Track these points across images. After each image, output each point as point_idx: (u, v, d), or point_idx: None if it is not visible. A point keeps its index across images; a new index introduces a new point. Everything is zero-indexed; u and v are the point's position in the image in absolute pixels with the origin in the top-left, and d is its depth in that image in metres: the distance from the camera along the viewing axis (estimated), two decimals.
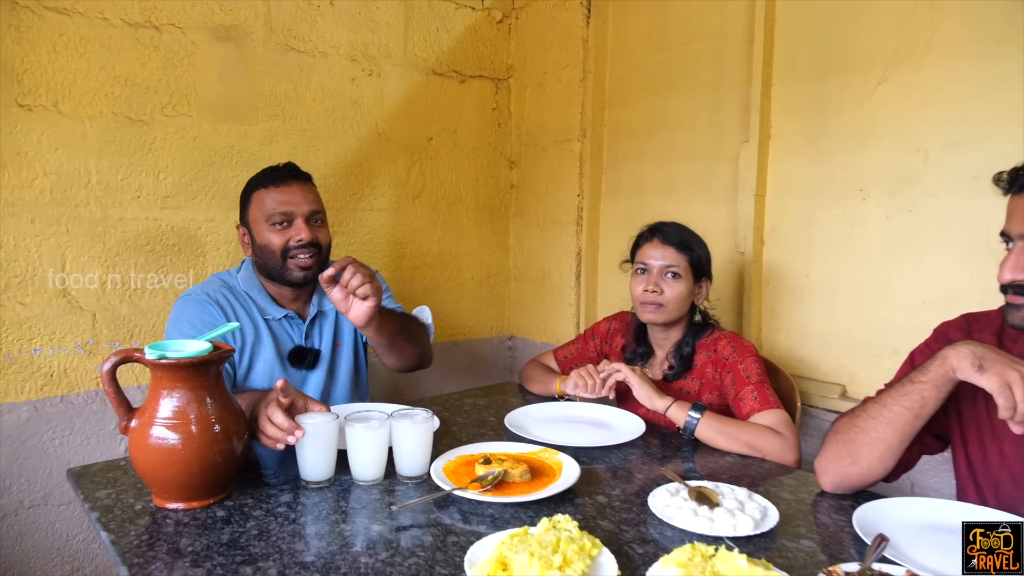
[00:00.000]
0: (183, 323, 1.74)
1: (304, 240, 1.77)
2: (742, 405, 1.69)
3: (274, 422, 1.34)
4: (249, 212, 1.82)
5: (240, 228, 1.86)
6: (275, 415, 1.34)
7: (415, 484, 1.39)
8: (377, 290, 1.60)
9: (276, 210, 1.77)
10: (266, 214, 1.77)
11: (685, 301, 1.86)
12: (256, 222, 1.79)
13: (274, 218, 1.77)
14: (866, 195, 2.00)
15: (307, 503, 1.30)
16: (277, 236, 1.77)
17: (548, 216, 2.89)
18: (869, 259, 2.00)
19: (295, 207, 1.78)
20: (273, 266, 1.79)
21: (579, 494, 1.36)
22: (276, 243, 1.77)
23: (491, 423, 1.79)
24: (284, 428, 1.33)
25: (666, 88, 2.51)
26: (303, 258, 1.78)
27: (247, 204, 1.83)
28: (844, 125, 2.03)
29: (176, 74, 2.10)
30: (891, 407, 1.30)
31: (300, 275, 1.80)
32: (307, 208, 1.80)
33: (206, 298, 1.78)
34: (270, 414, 1.34)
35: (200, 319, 1.74)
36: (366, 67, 2.51)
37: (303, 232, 1.77)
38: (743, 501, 1.27)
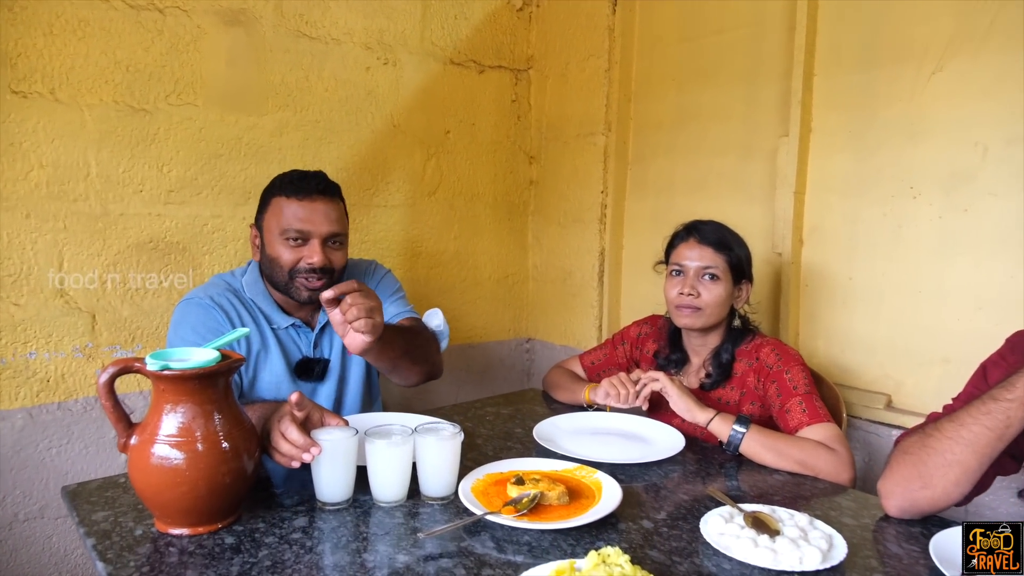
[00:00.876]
0: (185, 329, 1.61)
1: (316, 265, 1.62)
2: (789, 418, 1.57)
3: (288, 438, 1.22)
4: (265, 217, 1.67)
5: (253, 229, 1.72)
6: (289, 431, 1.22)
7: (441, 506, 1.27)
8: (375, 327, 1.41)
9: (293, 226, 1.61)
10: (281, 227, 1.62)
11: (724, 305, 1.73)
12: (270, 231, 1.65)
13: (289, 234, 1.62)
14: (917, 193, 1.87)
15: (324, 527, 1.18)
16: (288, 252, 1.63)
17: (569, 214, 2.77)
18: (919, 261, 1.87)
19: (314, 227, 1.62)
20: (279, 280, 1.66)
21: (621, 518, 1.24)
22: (286, 260, 1.63)
23: (518, 435, 1.67)
24: (299, 445, 1.21)
25: (698, 79, 2.38)
26: (312, 281, 1.64)
27: (265, 207, 1.68)
28: (894, 118, 1.90)
29: (181, 60, 1.98)
30: (970, 427, 1.17)
31: (306, 295, 1.66)
32: (327, 229, 1.64)
33: (209, 302, 1.65)
34: (284, 430, 1.22)
35: (204, 324, 1.62)
36: (381, 55, 2.38)
37: (316, 256, 1.62)
38: (805, 528, 1.15)
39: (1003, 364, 1.32)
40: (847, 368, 2.03)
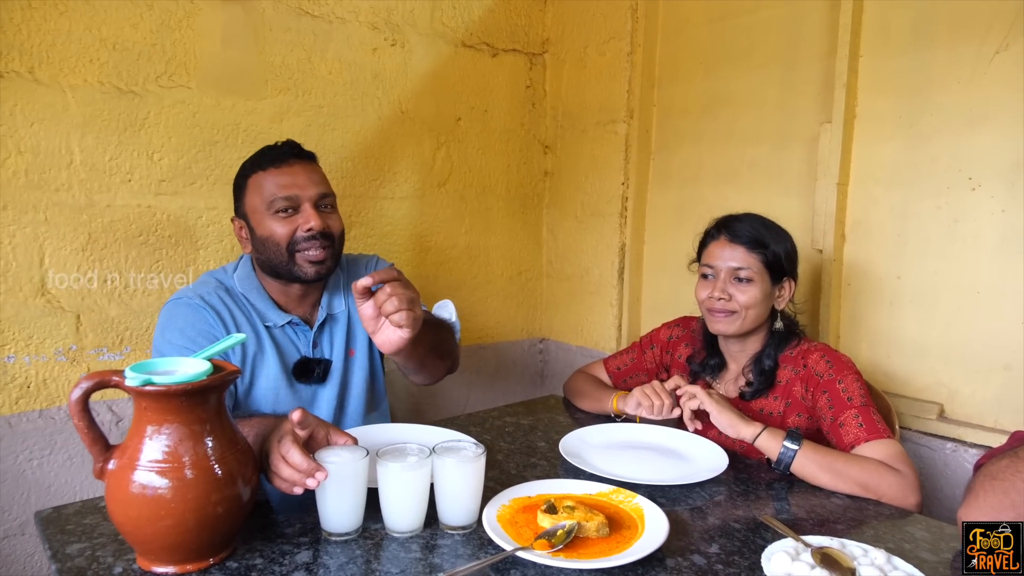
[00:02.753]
0: (173, 332, 1.46)
1: (314, 228, 1.49)
2: (843, 433, 1.42)
3: (290, 462, 1.06)
4: (246, 201, 1.54)
5: (236, 221, 1.58)
6: (291, 453, 1.06)
7: (463, 536, 1.12)
8: (416, 320, 1.26)
9: (278, 194, 1.48)
10: (267, 200, 1.49)
11: (761, 307, 1.58)
12: (255, 211, 1.52)
13: (276, 204, 1.48)
14: (976, 184, 1.71)
15: (331, 564, 1.03)
16: (281, 225, 1.49)
17: (587, 207, 2.61)
18: (978, 259, 1.72)
19: (300, 190, 1.50)
20: (279, 262, 1.51)
21: (668, 552, 1.08)
22: (281, 233, 1.49)
23: (542, 450, 1.52)
24: (302, 469, 1.05)
25: (728, 62, 2.22)
26: (314, 252, 1.50)
27: (242, 192, 1.55)
28: (950, 102, 1.74)
29: (173, 39, 1.82)
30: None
31: (312, 270, 1.51)
32: (315, 191, 1.52)
33: (200, 302, 1.50)
34: (285, 452, 1.07)
35: (193, 327, 1.46)
36: (389, 36, 2.22)
37: (313, 219, 1.49)
38: (883, 568, 1.00)
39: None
40: (894, 375, 1.88)
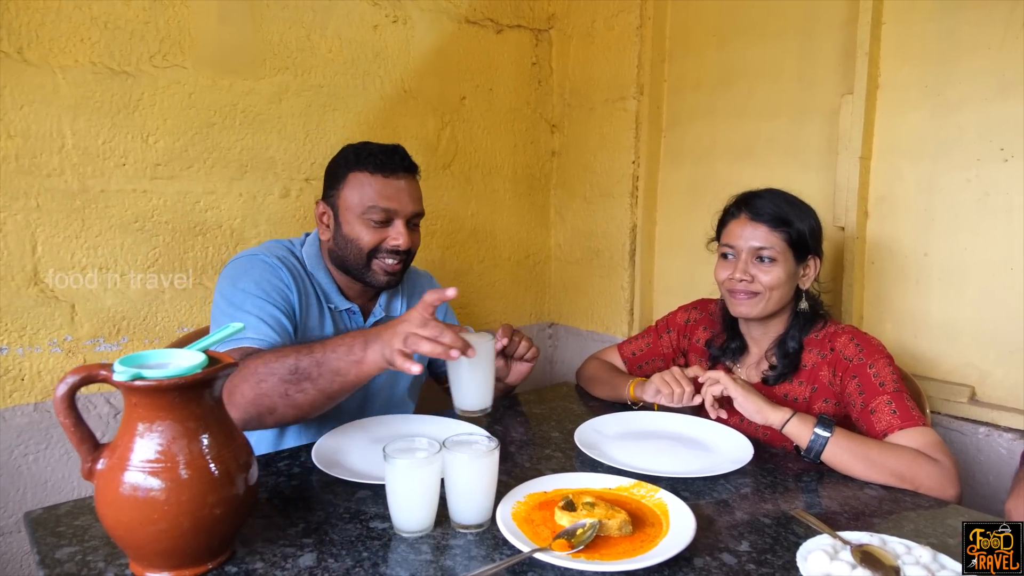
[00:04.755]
0: (247, 282, 1.43)
1: (401, 246, 1.51)
2: (875, 420, 1.35)
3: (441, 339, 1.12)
4: (341, 194, 1.52)
5: (321, 204, 1.56)
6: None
7: (476, 536, 1.06)
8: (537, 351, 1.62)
9: (379, 204, 1.49)
10: (365, 206, 1.49)
11: (786, 287, 1.50)
12: (348, 208, 1.51)
13: (374, 212, 1.49)
14: (1009, 155, 1.63)
15: (336, 567, 0.97)
16: (370, 233, 1.50)
17: (596, 187, 2.53)
18: (1012, 234, 1.63)
19: (401, 206, 1.51)
20: (355, 263, 1.52)
21: (696, 551, 1.02)
22: (367, 241, 1.50)
23: (556, 440, 1.46)
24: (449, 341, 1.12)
25: (743, 33, 2.13)
26: (392, 263, 1.53)
27: (339, 183, 1.53)
28: (980, 69, 1.65)
29: (167, 17, 1.74)
30: None
31: (385, 280, 1.54)
32: (412, 209, 1.54)
33: (276, 262, 1.48)
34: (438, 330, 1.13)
35: (269, 282, 1.44)
36: (390, 12, 2.14)
37: (402, 237, 1.51)
38: (930, 567, 0.93)
39: None
40: (921, 356, 1.80)
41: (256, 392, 1.22)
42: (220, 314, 1.42)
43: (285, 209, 1.99)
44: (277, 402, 1.22)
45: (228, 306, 1.42)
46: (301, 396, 1.22)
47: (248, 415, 1.24)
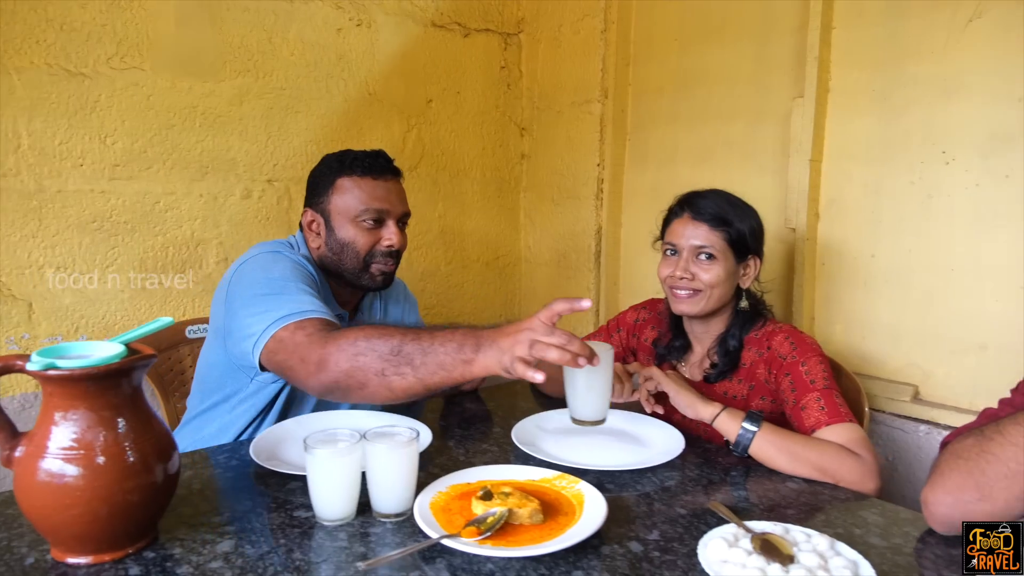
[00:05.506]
0: (281, 269, 1.41)
1: (395, 246, 1.56)
2: (805, 416, 1.37)
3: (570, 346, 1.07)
4: (331, 199, 1.55)
5: (309, 212, 1.58)
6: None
7: (395, 525, 1.08)
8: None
9: (372, 206, 1.53)
10: (358, 209, 1.53)
11: (725, 286, 1.53)
12: (340, 213, 1.54)
13: (367, 215, 1.53)
14: (950, 158, 1.65)
15: (251, 553, 0.99)
16: (365, 236, 1.54)
17: (564, 189, 2.56)
18: (952, 236, 1.66)
19: (392, 207, 1.56)
20: (351, 267, 1.55)
21: (606, 539, 1.04)
22: (362, 243, 1.54)
23: (496, 436, 1.48)
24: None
25: (702, 38, 2.16)
26: (386, 265, 1.57)
27: (327, 189, 1.55)
28: (924, 73, 1.68)
29: (124, 19, 1.78)
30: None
31: (381, 281, 1.58)
32: (401, 209, 1.59)
33: (298, 257, 1.51)
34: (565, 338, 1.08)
35: (301, 276, 1.42)
36: (354, 16, 2.17)
37: (396, 237, 1.56)
38: (825, 554, 0.95)
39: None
40: (868, 356, 1.83)
41: (352, 365, 1.19)
42: (256, 301, 1.37)
43: (247, 210, 2.02)
44: (371, 379, 1.18)
45: (270, 293, 1.37)
46: (398, 379, 1.17)
47: (336, 385, 1.22)
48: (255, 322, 1.33)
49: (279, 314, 1.30)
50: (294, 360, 1.26)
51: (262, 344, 1.30)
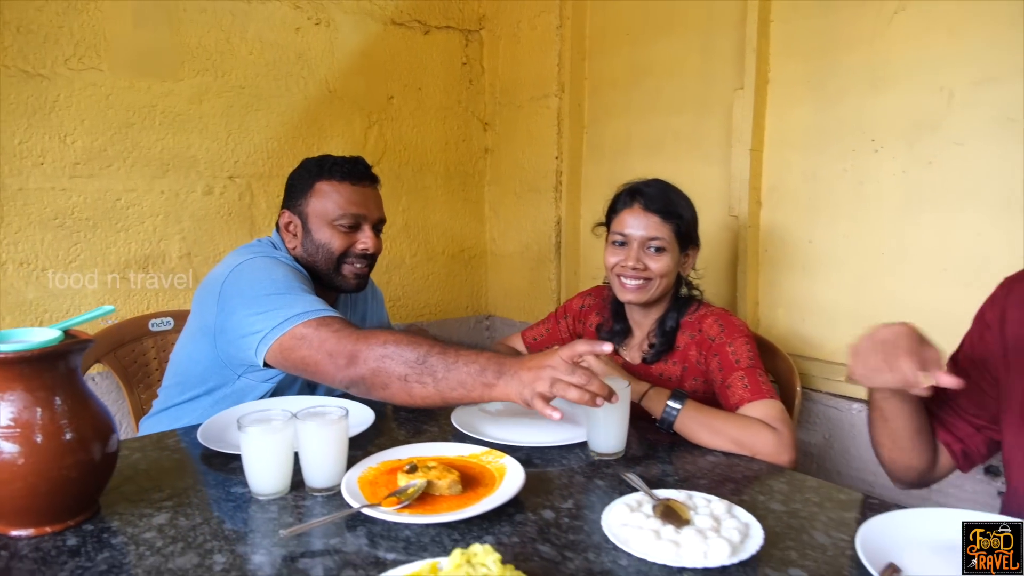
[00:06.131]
0: (280, 273, 1.46)
1: (370, 250, 1.62)
2: (730, 394, 1.44)
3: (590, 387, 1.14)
4: (308, 202, 1.60)
5: (286, 214, 1.63)
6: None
7: (325, 498, 1.14)
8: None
9: (349, 211, 1.58)
10: (335, 213, 1.58)
11: (672, 275, 1.59)
12: (317, 216, 1.59)
13: (344, 219, 1.59)
14: (879, 146, 1.72)
15: (184, 525, 1.05)
16: (340, 239, 1.59)
17: (525, 182, 2.62)
18: (882, 220, 1.72)
19: (368, 212, 1.62)
20: (325, 268, 1.61)
21: (524, 508, 1.11)
22: (337, 246, 1.59)
23: (439, 418, 1.54)
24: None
25: (652, 32, 2.22)
26: (360, 266, 1.63)
27: (306, 193, 1.60)
28: (854, 64, 1.75)
29: (81, 20, 1.83)
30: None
31: (354, 283, 1.63)
32: (377, 215, 1.65)
33: (294, 262, 1.58)
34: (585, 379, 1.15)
35: (301, 279, 1.49)
36: (312, 15, 2.23)
37: (371, 241, 1.61)
38: (720, 517, 1.02)
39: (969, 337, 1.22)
40: (808, 339, 1.89)
41: (379, 365, 1.27)
42: (261, 302, 1.41)
43: (209, 206, 2.08)
44: (393, 382, 1.26)
45: (276, 293, 1.42)
46: (419, 387, 1.25)
47: (362, 380, 1.29)
48: (260, 320, 1.39)
49: (293, 312, 1.37)
50: (320, 355, 1.32)
51: (270, 341, 1.37)
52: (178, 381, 1.63)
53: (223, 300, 1.47)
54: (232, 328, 1.44)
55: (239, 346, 1.42)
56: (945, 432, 1.24)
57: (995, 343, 1.17)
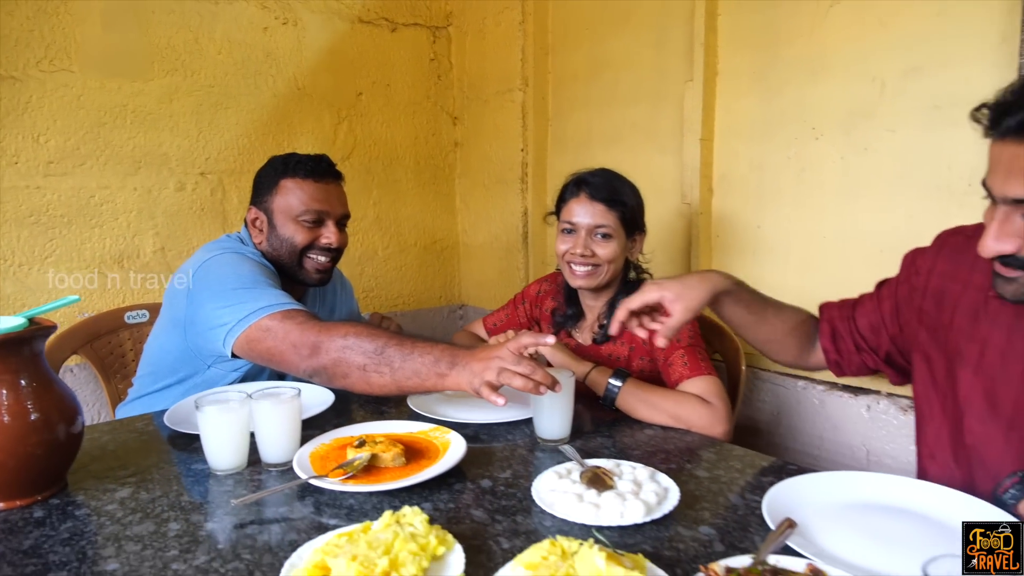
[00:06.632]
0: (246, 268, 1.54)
1: (332, 244, 1.68)
2: (671, 371, 1.51)
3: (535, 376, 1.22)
4: (274, 199, 1.67)
5: (253, 210, 1.70)
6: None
7: (279, 472, 1.22)
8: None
9: (312, 207, 1.65)
10: (298, 209, 1.65)
11: (620, 261, 1.67)
12: (282, 212, 1.66)
13: (307, 216, 1.66)
14: (819, 134, 1.79)
15: (144, 498, 1.13)
16: (303, 234, 1.66)
17: (493, 174, 2.69)
18: (823, 205, 1.80)
19: (331, 208, 1.68)
20: (288, 262, 1.68)
21: (465, 478, 1.18)
22: (300, 240, 1.66)
23: (398, 400, 1.62)
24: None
25: (610, 27, 2.29)
26: (323, 260, 1.70)
27: (271, 189, 1.67)
28: (795, 56, 1.82)
29: (51, 24, 1.90)
30: None
31: (317, 277, 1.70)
32: (340, 211, 1.71)
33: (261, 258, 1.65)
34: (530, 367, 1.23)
35: (268, 274, 1.56)
36: (280, 15, 2.29)
37: (334, 236, 1.68)
38: (642, 482, 1.10)
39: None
40: None
41: (339, 355, 1.35)
42: (228, 295, 1.48)
43: (181, 202, 2.15)
44: (353, 371, 1.35)
45: (241, 287, 1.49)
46: (377, 377, 1.33)
47: (324, 369, 1.37)
48: (227, 313, 1.46)
49: (259, 305, 1.44)
50: (285, 345, 1.40)
51: (237, 332, 1.44)
52: (151, 371, 1.70)
53: (192, 294, 1.55)
54: (201, 320, 1.51)
55: (208, 338, 1.49)
56: (829, 340, 1.38)
57: (918, 289, 1.24)
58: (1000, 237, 0.97)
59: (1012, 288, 1.00)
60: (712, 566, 0.81)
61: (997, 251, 0.97)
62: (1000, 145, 0.96)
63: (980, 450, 1.09)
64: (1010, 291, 1.00)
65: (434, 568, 0.88)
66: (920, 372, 1.23)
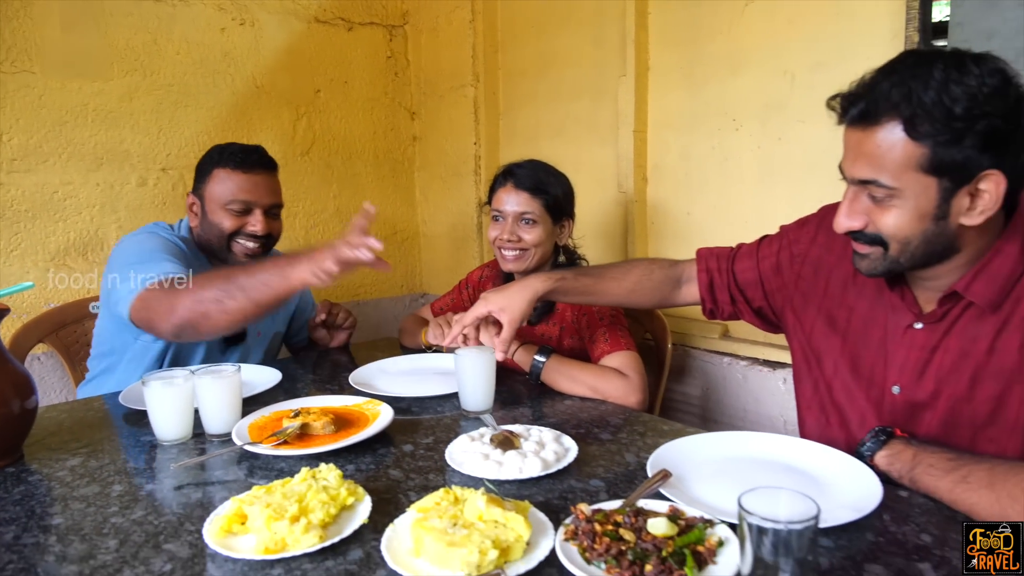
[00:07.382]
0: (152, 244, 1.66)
1: (258, 232, 1.77)
2: (594, 347, 1.63)
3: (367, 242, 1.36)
4: (206, 187, 1.77)
5: (191, 196, 1.81)
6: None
7: (221, 442, 1.33)
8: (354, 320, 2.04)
9: (238, 197, 1.74)
10: (226, 199, 1.75)
11: (546, 245, 1.78)
12: (212, 199, 1.76)
13: (234, 205, 1.75)
14: (739, 125, 1.91)
15: (93, 465, 1.23)
16: (231, 221, 1.75)
17: (449, 167, 2.80)
18: (744, 192, 1.92)
19: (258, 198, 1.77)
20: (218, 246, 1.78)
21: (390, 444, 1.30)
22: (227, 226, 1.75)
23: (342, 379, 1.73)
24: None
25: (554, 25, 2.40)
26: (252, 246, 1.78)
27: (205, 178, 1.78)
28: (716, 51, 1.94)
29: (11, 27, 1.98)
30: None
31: (243, 261, 1.78)
32: (268, 200, 1.79)
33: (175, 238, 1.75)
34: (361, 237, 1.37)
35: (167, 249, 1.66)
36: (236, 16, 2.39)
37: (259, 224, 1.77)
38: (546, 443, 1.21)
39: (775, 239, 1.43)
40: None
41: (194, 300, 1.46)
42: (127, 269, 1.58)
43: (143, 196, 2.24)
44: (211, 308, 1.45)
45: (138, 262, 1.60)
46: (232, 303, 1.44)
47: (186, 323, 1.47)
48: (124, 287, 1.57)
49: (142, 276, 1.55)
50: (152, 312, 1.52)
51: (128, 303, 1.56)
52: (99, 352, 1.82)
53: (107, 272, 1.68)
54: (112, 295, 1.62)
55: (118, 311, 1.60)
56: (706, 290, 1.47)
57: (798, 256, 1.35)
58: (850, 215, 1.09)
59: (866, 264, 1.12)
60: (580, 506, 0.93)
61: (847, 227, 1.09)
62: (849, 131, 1.07)
63: (846, 407, 1.21)
64: (864, 266, 1.12)
65: (344, 516, 0.99)
66: (796, 333, 1.34)
